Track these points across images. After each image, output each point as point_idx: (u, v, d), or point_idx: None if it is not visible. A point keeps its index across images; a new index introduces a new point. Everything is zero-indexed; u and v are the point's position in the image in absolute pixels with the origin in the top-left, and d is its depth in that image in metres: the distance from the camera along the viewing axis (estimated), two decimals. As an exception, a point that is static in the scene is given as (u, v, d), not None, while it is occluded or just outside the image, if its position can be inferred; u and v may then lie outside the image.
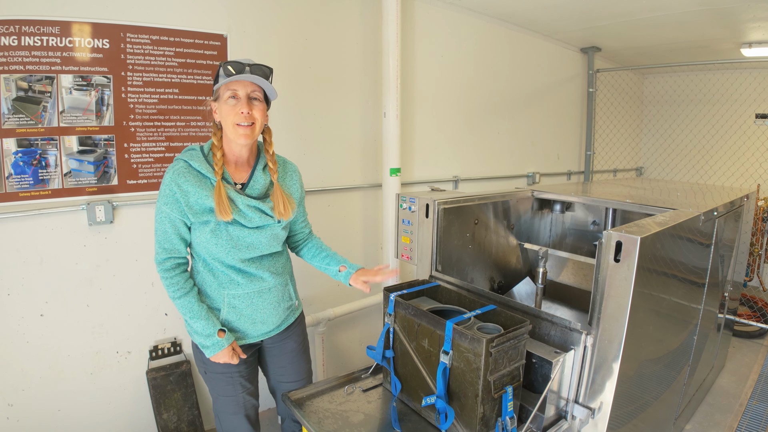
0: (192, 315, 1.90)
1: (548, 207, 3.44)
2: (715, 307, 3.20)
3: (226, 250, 1.91)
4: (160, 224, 1.87)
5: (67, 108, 2.50)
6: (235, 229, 1.90)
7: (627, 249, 1.75)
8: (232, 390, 2.07)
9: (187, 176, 1.82)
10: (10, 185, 2.40)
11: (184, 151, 1.92)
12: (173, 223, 1.86)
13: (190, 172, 1.84)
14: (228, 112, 1.83)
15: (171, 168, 1.85)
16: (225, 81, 1.81)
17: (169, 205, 1.83)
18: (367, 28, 3.65)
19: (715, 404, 3.58)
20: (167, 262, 1.90)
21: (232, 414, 2.10)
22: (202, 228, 1.88)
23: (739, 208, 3.26)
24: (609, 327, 1.82)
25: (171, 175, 1.82)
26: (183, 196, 1.81)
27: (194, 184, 1.82)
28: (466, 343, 1.65)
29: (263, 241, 1.98)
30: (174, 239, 1.89)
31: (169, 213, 1.84)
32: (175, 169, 1.83)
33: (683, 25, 4.65)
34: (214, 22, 2.91)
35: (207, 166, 1.86)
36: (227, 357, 1.95)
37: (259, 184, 1.98)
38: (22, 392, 2.55)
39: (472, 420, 1.68)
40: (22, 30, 2.36)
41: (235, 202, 1.88)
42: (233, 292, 1.98)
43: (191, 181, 1.82)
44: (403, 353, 1.97)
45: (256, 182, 1.97)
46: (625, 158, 6.88)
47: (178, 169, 1.83)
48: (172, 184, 1.81)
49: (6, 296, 2.46)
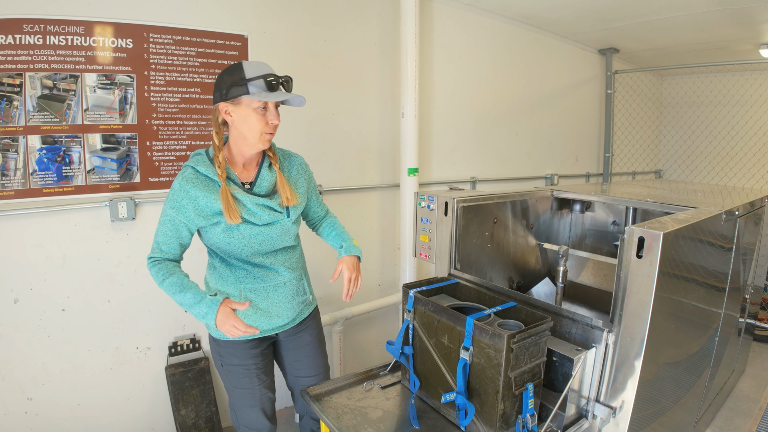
0: (180, 288, 1.88)
1: (568, 207, 3.42)
2: (735, 311, 3.15)
3: (240, 247, 1.94)
4: (163, 226, 1.91)
5: (91, 106, 2.54)
6: (246, 227, 1.92)
7: (649, 245, 1.73)
8: (249, 382, 2.09)
9: (195, 182, 1.85)
10: (34, 181, 2.44)
11: (192, 156, 1.94)
12: (176, 227, 1.90)
13: (197, 178, 1.86)
14: (257, 121, 1.84)
15: (180, 175, 1.88)
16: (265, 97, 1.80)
17: (175, 209, 1.86)
18: (385, 29, 3.67)
19: (735, 408, 3.53)
20: (158, 257, 1.94)
21: (248, 407, 2.12)
22: (213, 229, 1.91)
23: (760, 210, 3.22)
24: (631, 324, 1.81)
25: (179, 182, 1.85)
26: (191, 201, 1.84)
27: (202, 189, 1.85)
28: (487, 338, 1.64)
29: (275, 237, 2.01)
30: (173, 243, 1.92)
31: (174, 216, 1.87)
32: (184, 176, 1.86)
33: (701, 25, 4.61)
34: (235, 22, 2.93)
35: (213, 170, 1.87)
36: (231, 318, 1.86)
37: (267, 182, 1.99)
38: (42, 386, 2.58)
39: (492, 417, 1.67)
40: (47, 29, 2.41)
41: (243, 203, 1.90)
42: (250, 285, 2.00)
43: (199, 187, 1.85)
44: (422, 350, 1.97)
45: (264, 180, 1.99)
46: (644, 160, 6.82)
47: (186, 175, 1.86)
48: (181, 190, 1.84)
49: (29, 290, 2.50)
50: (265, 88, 1.81)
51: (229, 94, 1.81)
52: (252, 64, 1.82)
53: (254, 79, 1.79)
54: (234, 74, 1.80)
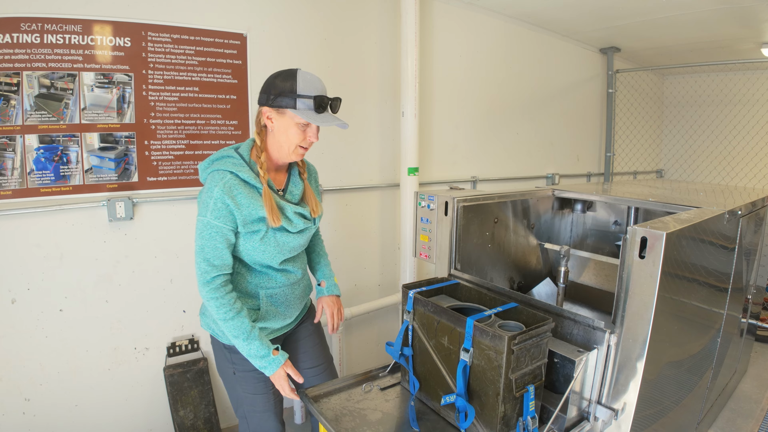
0: (245, 336, 1.83)
1: (569, 207, 3.40)
2: (738, 312, 3.13)
3: (272, 255, 1.92)
4: (210, 240, 1.78)
5: (88, 105, 2.52)
6: (281, 235, 1.90)
7: (652, 245, 1.71)
8: (263, 387, 2.04)
9: (239, 188, 1.77)
10: (31, 181, 2.43)
11: (222, 158, 1.84)
12: (225, 236, 1.79)
13: (240, 184, 1.78)
14: (296, 135, 1.82)
15: (219, 180, 1.76)
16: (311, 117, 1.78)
17: (221, 218, 1.76)
18: (385, 28, 3.65)
19: (737, 409, 3.51)
20: (216, 280, 1.81)
21: (262, 412, 2.07)
22: (250, 237, 1.85)
23: (762, 209, 3.19)
24: (633, 325, 1.79)
25: (221, 189, 1.74)
26: (237, 208, 1.77)
27: (246, 196, 1.78)
28: (488, 340, 1.63)
29: (302, 243, 2.02)
30: (225, 254, 1.82)
31: (221, 227, 1.77)
32: (225, 182, 1.75)
33: (702, 24, 4.59)
34: (234, 21, 2.92)
35: (253, 175, 1.81)
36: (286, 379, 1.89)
37: (298, 189, 1.99)
38: (39, 387, 2.57)
39: (493, 419, 1.65)
40: (44, 28, 2.39)
41: (283, 210, 1.88)
42: (271, 290, 1.99)
43: (243, 193, 1.78)
44: (421, 351, 1.95)
45: (295, 187, 1.99)
46: (646, 160, 6.80)
47: (228, 181, 1.76)
48: (225, 197, 1.74)
49: (26, 291, 2.48)
50: (313, 108, 1.78)
51: (276, 102, 1.78)
52: (306, 77, 1.80)
53: (305, 96, 1.77)
54: (286, 82, 1.78)
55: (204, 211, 1.77)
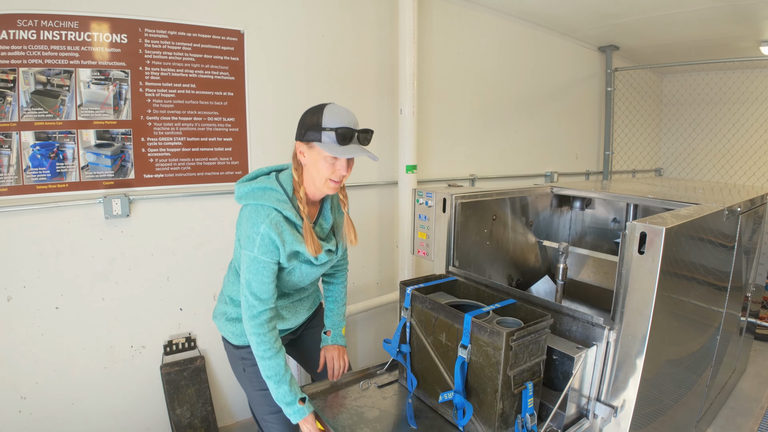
0: (279, 378, 1.81)
1: (567, 204, 3.39)
2: (737, 310, 3.12)
3: (292, 285, 1.97)
4: (258, 275, 1.78)
5: (85, 102, 2.51)
6: (306, 266, 1.91)
7: (651, 240, 1.70)
8: None
9: (285, 225, 1.78)
10: (27, 178, 2.41)
11: (265, 189, 1.83)
12: (273, 271, 1.81)
13: (285, 221, 1.79)
14: (325, 168, 1.80)
15: (265, 217, 1.76)
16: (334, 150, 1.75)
17: (269, 254, 1.77)
18: (383, 25, 3.64)
19: (737, 408, 3.50)
20: (263, 315, 1.80)
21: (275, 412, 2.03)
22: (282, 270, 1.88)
23: (761, 207, 3.18)
24: (633, 321, 1.78)
25: (268, 226, 1.75)
26: (282, 245, 1.78)
27: (290, 233, 1.79)
28: (486, 336, 1.62)
29: (322, 272, 2.05)
30: (272, 288, 1.83)
31: (269, 263, 1.78)
32: (271, 219, 1.76)
33: (701, 22, 4.58)
34: (231, 18, 2.90)
35: (295, 212, 1.82)
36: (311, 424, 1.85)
37: (327, 223, 2.00)
38: (35, 385, 2.55)
39: (491, 416, 1.64)
40: (41, 24, 2.38)
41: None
42: (281, 303, 2.03)
43: (288, 231, 1.79)
44: (419, 348, 1.95)
45: (325, 220, 2.00)
46: (644, 158, 6.79)
47: (274, 218, 1.76)
48: (273, 234, 1.75)
49: (22, 288, 2.47)
50: (336, 141, 1.76)
51: (306, 136, 1.79)
52: (334, 109, 1.78)
53: (328, 129, 1.75)
54: (314, 116, 1.78)
55: (251, 246, 1.77)
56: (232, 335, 2.04)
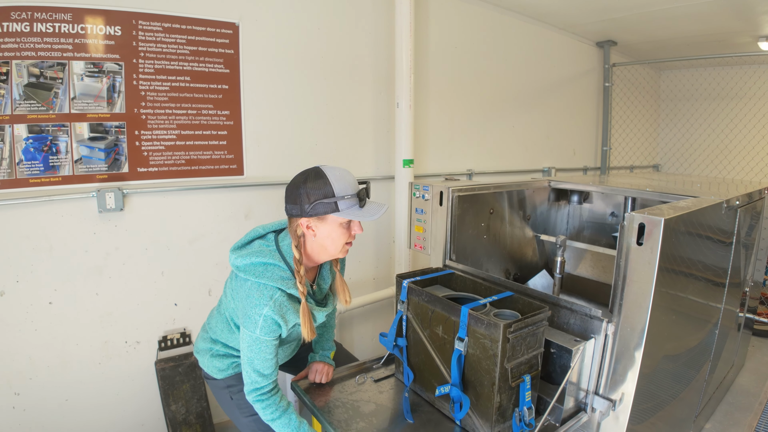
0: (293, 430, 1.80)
1: (565, 198, 3.38)
2: (735, 305, 3.11)
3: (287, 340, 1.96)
4: (261, 354, 1.74)
5: (78, 95, 2.48)
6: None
7: (650, 231, 1.69)
8: None
9: (288, 305, 1.74)
10: (20, 171, 2.38)
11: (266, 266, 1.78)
12: (275, 346, 1.78)
13: (289, 300, 1.76)
14: (341, 235, 1.78)
15: (268, 299, 1.71)
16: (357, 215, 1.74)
17: (272, 333, 1.73)
18: (380, 18, 3.61)
19: (735, 403, 3.49)
20: (266, 388, 1.78)
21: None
22: None
23: (759, 202, 3.17)
24: (631, 314, 1.76)
25: (272, 309, 1.70)
26: (285, 324, 1.75)
27: (293, 312, 1.76)
28: (483, 328, 1.60)
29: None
30: (275, 362, 1.80)
31: (272, 342, 1.75)
32: (275, 301, 1.71)
33: (700, 17, 4.56)
34: (226, 10, 2.88)
35: (296, 289, 1.77)
36: None
37: (326, 283, 1.98)
38: (29, 381, 2.53)
39: (488, 410, 1.63)
40: (34, 16, 2.36)
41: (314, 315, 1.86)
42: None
43: (291, 310, 1.75)
44: (416, 342, 1.93)
45: (324, 280, 1.98)
46: (642, 154, 6.77)
47: (278, 300, 1.72)
48: (276, 316, 1.70)
49: (15, 283, 2.44)
50: (357, 205, 1.75)
51: (315, 209, 1.71)
52: (336, 174, 1.74)
53: (345, 197, 1.72)
54: (319, 189, 1.71)
55: (252, 328, 1.70)
56: (217, 370, 2.02)
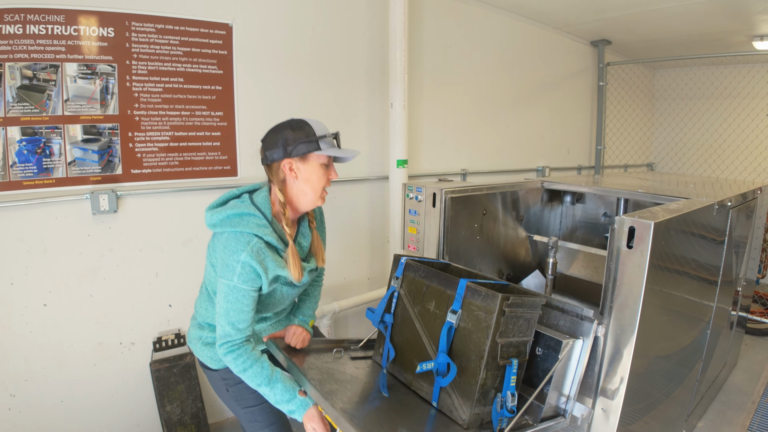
0: (269, 380, 1.75)
1: (558, 198, 3.39)
2: (728, 304, 3.13)
3: (271, 306, 1.93)
4: (237, 304, 1.72)
5: (71, 96, 2.48)
6: (287, 288, 1.88)
7: (640, 235, 1.70)
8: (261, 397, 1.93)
9: (267, 252, 1.72)
10: (14, 174, 2.38)
11: (242, 215, 1.76)
12: (253, 299, 1.75)
13: (267, 248, 1.73)
14: (321, 177, 1.83)
15: (245, 245, 1.69)
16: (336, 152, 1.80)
17: (248, 282, 1.71)
18: (374, 17, 3.62)
19: (728, 402, 3.52)
20: (238, 340, 1.75)
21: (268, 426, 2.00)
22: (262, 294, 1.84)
23: (753, 202, 3.19)
24: (621, 316, 1.77)
25: (249, 254, 1.68)
26: (265, 272, 1.72)
27: (272, 260, 1.74)
28: (479, 300, 1.61)
29: (300, 291, 2.02)
30: (251, 316, 1.77)
31: (249, 291, 1.72)
32: (252, 246, 1.69)
33: (694, 17, 4.58)
34: (219, 11, 2.88)
35: (276, 237, 1.77)
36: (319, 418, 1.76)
37: (306, 241, 1.96)
38: (24, 382, 2.53)
39: (471, 387, 1.60)
40: (27, 18, 2.35)
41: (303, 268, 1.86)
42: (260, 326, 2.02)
43: (270, 257, 1.73)
44: (402, 320, 1.92)
45: (304, 239, 1.96)
46: (636, 153, 6.80)
47: (255, 246, 1.70)
48: (254, 262, 1.68)
49: (9, 285, 2.44)
50: (334, 145, 1.83)
51: (297, 150, 1.76)
52: (313, 120, 1.82)
53: (325, 136, 1.79)
54: (300, 130, 1.78)
55: (230, 275, 1.69)
56: (210, 360, 1.99)
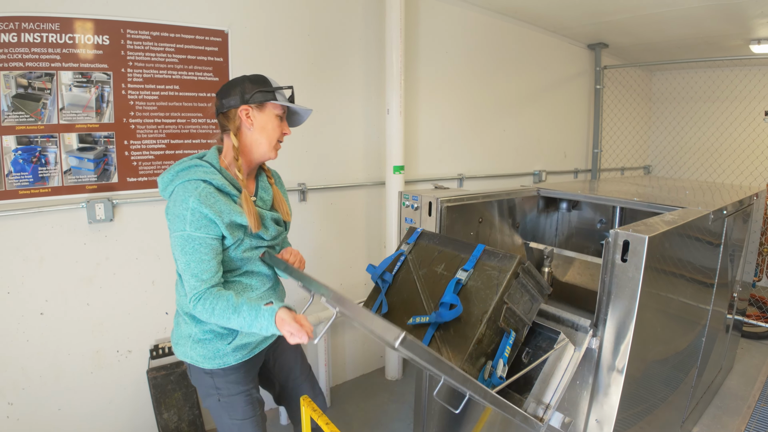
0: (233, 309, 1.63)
1: (554, 205, 3.40)
2: (723, 308, 3.14)
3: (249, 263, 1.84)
4: (195, 254, 1.65)
5: (66, 105, 2.48)
6: (256, 242, 1.83)
7: (634, 248, 1.70)
8: (252, 410, 1.91)
9: (215, 195, 1.67)
10: (9, 183, 2.38)
11: (189, 167, 1.72)
12: (211, 246, 1.67)
13: (215, 191, 1.68)
14: (275, 129, 1.85)
15: (193, 191, 1.64)
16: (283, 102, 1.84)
17: (203, 229, 1.64)
18: (370, 23, 3.61)
19: (723, 406, 3.52)
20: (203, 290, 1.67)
21: None
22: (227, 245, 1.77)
23: (749, 207, 3.20)
24: (615, 329, 1.78)
25: (197, 198, 1.62)
26: (218, 216, 1.65)
27: (224, 203, 1.67)
28: (495, 261, 1.68)
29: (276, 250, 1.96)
30: (213, 265, 1.69)
31: (206, 238, 1.65)
32: (199, 192, 1.64)
33: (691, 20, 4.58)
34: (214, 18, 2.87)
35: (226, 182, 1.72)
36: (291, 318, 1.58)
37: (268, 195, 1.93)
38: (22, 391, 2.53)
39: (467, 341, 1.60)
40: (21, 26, 2.34)
41: (262, 217, 1.81)
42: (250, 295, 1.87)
43: (221, 201, 1.67)
44: (402, 281, 1.96)
45: (265, 192, 1.93)
46: (633, 156, 6.81)
47: (203, 191, 1.64)
48: (202, 206, 1.62)
49: (6, 294, 2.44)
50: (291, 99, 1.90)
51: (254, 98, 1.79)
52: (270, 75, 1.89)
53: (280, 89, 1.86)
54: (259, 82, 1.82)
55: (181, 225, 1.64)
56: (203, 358, 1.83)
